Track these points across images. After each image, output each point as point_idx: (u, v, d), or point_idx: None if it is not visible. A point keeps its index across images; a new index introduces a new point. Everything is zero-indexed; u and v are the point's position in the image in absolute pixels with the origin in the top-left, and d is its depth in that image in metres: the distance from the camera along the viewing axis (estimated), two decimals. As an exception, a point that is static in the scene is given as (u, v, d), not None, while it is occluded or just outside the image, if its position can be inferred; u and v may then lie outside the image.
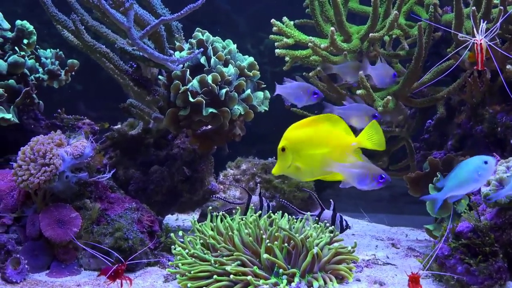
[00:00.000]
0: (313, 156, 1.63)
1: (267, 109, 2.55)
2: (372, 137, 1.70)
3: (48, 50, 2.86)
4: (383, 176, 1.74)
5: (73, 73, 2.87)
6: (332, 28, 2.35)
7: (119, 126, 2.68)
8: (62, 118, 2.89)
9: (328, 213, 2.25)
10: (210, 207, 2.84)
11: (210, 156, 2.76)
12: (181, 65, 2.29)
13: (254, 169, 2.83)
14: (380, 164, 2.71)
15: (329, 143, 1.65)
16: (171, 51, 2.42)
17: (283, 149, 1.62)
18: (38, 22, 2.96)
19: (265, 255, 1.86)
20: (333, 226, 2.13)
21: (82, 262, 2.28)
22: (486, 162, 1.65)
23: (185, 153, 2.67)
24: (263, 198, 2.29)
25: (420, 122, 2.85)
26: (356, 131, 2.28)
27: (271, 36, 2.73)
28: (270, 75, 3.84)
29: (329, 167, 1.63)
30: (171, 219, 3.14)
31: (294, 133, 1.64)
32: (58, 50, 2.86)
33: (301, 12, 2.95)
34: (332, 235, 2.06)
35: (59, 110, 2.92)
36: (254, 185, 2.80)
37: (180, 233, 2.11)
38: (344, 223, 2.24)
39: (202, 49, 2.26)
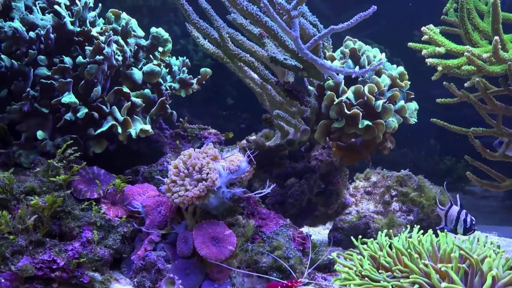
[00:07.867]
0: None
1: (416, 121, 2.44)
2: None
3: (173, 57, 2.75)
4: None
5: (204, 81, 2.76)
6: (497, 37, 2.22)
7: (254, 137, 2.56)
8: (185, 127, 2.78)
9: None
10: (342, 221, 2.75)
11: (345, 168, 2.65)
12: (342, 76, 2.18)
13: (389, 181, 2.71)
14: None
15: None
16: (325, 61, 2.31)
17: None
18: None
19: (443, 284, 1.76)
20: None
21: (235, 281, 2.19)
22: None
23: (322, 165, 2.56)
24: (463, 211, 2.10)
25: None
26: None
27: (410, 44, 2.59)
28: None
29: None
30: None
31: None
32: (184, 57, 2.75)
33: (398, 15, 2.79)
34: (506, 255, 1.94)
35: (181, 119, 2.81)
36: (390, 198, 2.68)
37: (335, 253, 2.00)
38: None
39: (382, 62, 2.15)
